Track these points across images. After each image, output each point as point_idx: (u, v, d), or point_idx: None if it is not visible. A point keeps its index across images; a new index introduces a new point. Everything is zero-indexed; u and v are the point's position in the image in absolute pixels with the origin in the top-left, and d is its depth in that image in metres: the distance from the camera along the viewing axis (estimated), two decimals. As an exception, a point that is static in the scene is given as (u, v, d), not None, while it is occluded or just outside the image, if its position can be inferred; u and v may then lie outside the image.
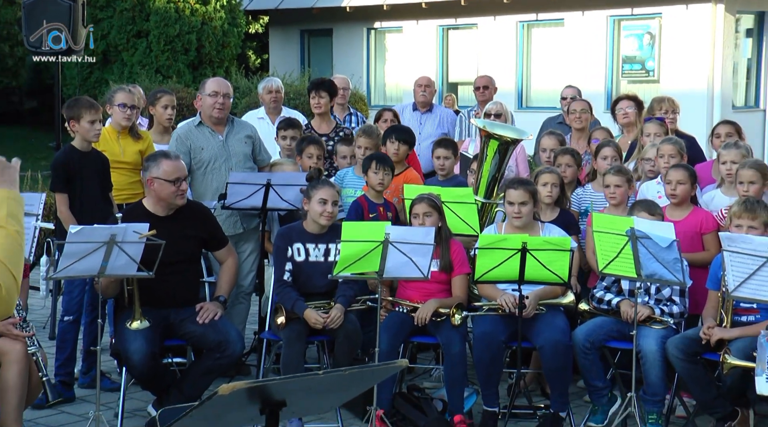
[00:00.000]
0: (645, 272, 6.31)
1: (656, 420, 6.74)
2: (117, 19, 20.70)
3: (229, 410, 3.24)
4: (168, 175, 6.78)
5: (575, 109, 9.64)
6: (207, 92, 8.00)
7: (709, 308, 6.69)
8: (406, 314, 6.98)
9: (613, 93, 18.60)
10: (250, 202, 7.67)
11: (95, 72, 20.95)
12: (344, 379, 3.53)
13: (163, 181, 6.79)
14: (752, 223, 6.44)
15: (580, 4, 19.50)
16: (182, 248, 6.85)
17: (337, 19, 22.64)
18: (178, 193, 6.84)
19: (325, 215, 7.01)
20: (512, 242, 6.57)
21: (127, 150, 8.30)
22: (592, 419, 6.97)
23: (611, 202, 7.41)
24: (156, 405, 6.82)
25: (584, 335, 6.84)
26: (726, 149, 7.52)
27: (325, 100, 9.54)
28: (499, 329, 6.84)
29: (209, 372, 6.83)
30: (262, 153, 8.27)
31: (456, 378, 6.80)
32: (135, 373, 6.76)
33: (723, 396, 6.51)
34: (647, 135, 8.37)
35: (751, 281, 5.81)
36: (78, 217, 7.27)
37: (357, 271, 6.55)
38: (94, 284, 6.70)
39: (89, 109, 7.59)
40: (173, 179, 6.79)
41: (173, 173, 6.79)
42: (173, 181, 6.80)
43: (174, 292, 6.87)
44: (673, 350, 6.52)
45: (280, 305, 6.96)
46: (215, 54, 21.14)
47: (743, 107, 19.27)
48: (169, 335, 6.91)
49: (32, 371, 6.31)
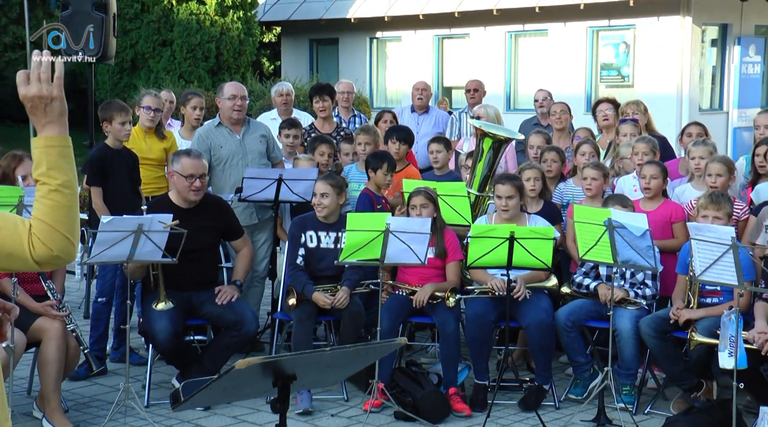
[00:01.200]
0: (621, 258, 6.32)
1: (630, 391, 6.77)
2: (144, 30, 20.68)
3: (245, 382, 3.25)
4: (183, 171, 6.84)
5: (555, 110, 9.62)
6: (225, 96, 8.00)
7: (678, 290, 6.72)
8: (405, 296, 6.99)
9: (592, 97, 18.58)
10: (263, 195, 7.67)
11: (125, 77, 20.91)
12: (349, 355, 3.53)
13: (179, 175, 6.86)
14: (717, 214, 6.45)
15: (562, 16, 19.46)
16: (202, 237, 6.87)
17: (343, 29, 22.61)
18: (191, 188, 6.85)
19: (318, 208, 7.09)
20: (501, 231, 6.57)
21: (153, 148, 8.33)
22: (573, 391, 6.98)
23: (587, 194, 7.44)
24: (179, 378, 6.85)
25: (566, 315, 6.86)
26: (695, 146, 7.55)
27: (327, 103, 9.56)
28: (489, 310, 6.85)
29: (227, 348, 6.86)
30: (275, 151, 8.27)
31: (450, 354, 6.80)
32: (160, 349, 6.80)
33: (689, 370, 6.53)
34: (623, 135, 8.41)
35: (716, 266, 5.81)
36: (110, 208, 7.28)
37: (361, 257, 6.56)
38: (124, 269, 6.73)
39: (120, 111, 7.62)
40: (187, 175, 6.83)
41: (188, 169, 6.84)
42: (187, 176, 6.83)
43: (195, 276, 6.89)
44: (646, 329, 6.55)
45: (292, 287, 6.98)
46: (232, 61, 21.10)
47: (708, 110, 19.25)
48: (191, 315, 6.94)
49: (69, 346, 6.35)
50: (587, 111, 16.96)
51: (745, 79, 19.76)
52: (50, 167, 2.57)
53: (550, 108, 9.90)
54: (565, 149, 8.71)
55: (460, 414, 6.59)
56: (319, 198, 7.05)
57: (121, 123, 7.56)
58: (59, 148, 2.60)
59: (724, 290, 6.45)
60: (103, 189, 7.45)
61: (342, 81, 10.83)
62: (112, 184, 7.50)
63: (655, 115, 9.41)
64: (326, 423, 6.46)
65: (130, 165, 7.68)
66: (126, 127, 7.60)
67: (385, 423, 6.46)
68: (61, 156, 2.59)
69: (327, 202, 7.04)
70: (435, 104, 13.41)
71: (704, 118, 15.01)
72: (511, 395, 6.91)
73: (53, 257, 2.52)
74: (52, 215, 2.53)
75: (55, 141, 2.60)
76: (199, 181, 6.89)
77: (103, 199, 7.41)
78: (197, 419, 6.48)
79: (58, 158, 2.58)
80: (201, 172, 6.92)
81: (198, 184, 6.89)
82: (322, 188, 7.07)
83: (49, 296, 6.42)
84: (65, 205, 2.56)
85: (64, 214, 2.55)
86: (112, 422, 6.26)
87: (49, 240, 2.50)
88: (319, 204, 7.06)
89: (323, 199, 7.05)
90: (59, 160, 2.58)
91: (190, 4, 20.67)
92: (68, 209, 2.56)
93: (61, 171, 2.57)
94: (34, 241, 2.50)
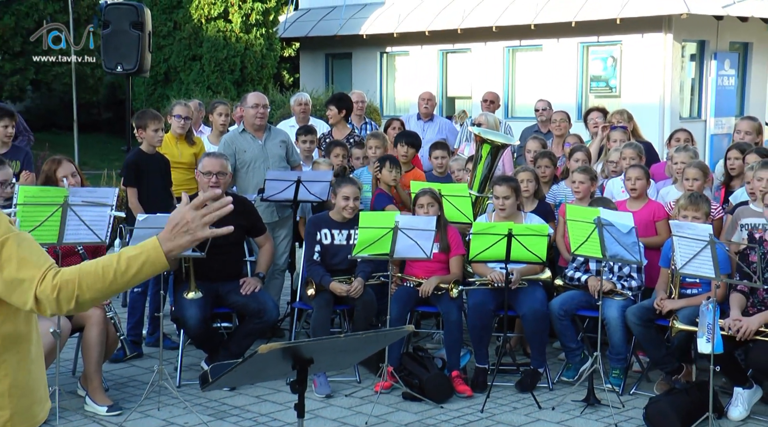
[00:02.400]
0: (609, 253, 6.31)
1: (618, 375, 6.75)
2: (176, 46, 20.71)
3: (267, 366, 3.24)
4: (203, 169, 6.90)
5: (556, 118, 9.57)
6: (249, 105, 8.01)
7: (661, 282, 6.69)
8: (412, 288, 6.97)
9: (583, 106, 18.57)
10: (283, 195, 7.67)
11: (158, 89, 20.95)
12: (361, 341, 3.53)
13: (201, 173, 6.91)
14: (696, 213, 6.43)
15: (555, 33, 19.42)
16: (228, 233, 6.84)
17: (356, 44, 22.60)
18: (209, 184, 6.84)
19: (347, 210, 7.06)
20: (500, 228, 6.57)
21: (184, 153, 8.33)
22: (565, 374, 6.96)
23: (576, 196, 7.42)
24: (208, 361, 6.86)
25: (559, 305, 6.84)
26: (678, 152, 7.55)
27: (333, 112, 9.53)
28: (489, 300, 6.83)
29: (250, 334, 6.86)
30: (293, 155, 8.26)
31: (453, 341, 6.79)
32: (190, 335, 6.80)
33: (671, 354, 6.52)
34: (613, 141, 8.40)
35: (695, 260, 5.80)
36: (144, 207, 7.29)
37: (372, 252, 6.55)
38: (158, 262, 6.71)
39: (154, 119, 7.63)
40: (206, 172, 6.87)
41: (207, 167, 6.89)
42: (205, 173, 6.86)
43: (222, 269, 6.89)
44: (632, 317, 6.54)
45: (310, 279, 6.98)
46: (255, 73, 21.11)
47: (688, 118, 19.19)
48: (218, 303, 6.94)
49: (109, 332, 6.36)
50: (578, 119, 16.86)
51: (721, 91, 19.74)
52: (130, 258, 2.54)
53: (550, 116, 9.87)
54: (559, 156, 8.69)
55: (462, 395, 6.58)
56: (352, 202, 7.05)
57: (154, 130, 7.58)
58: (148, 257, 2.57)
59: (702, 282, 6.43)
60: (138, 190, 7.48)
61: (354, 91, 10.82)
62: (146, 186, 7.52)
63: (640, 122, 9.37)
64: (341, 403, 6.46)
65: (162, 168, 7.69)
66: (159, 134, 7.62)
67: (394, 403, 6.45)
68: (144, 262, 2.55)
69: (355, 204, 7.07)
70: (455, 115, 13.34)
71: (684, 125, 14.89)
72: (508, 378, 6.89)
73: (49, 300, 2.45)
74: (88, 276, 2.48)
75: (153, 253, 2.58)
76: (216, 178, 6.87)
77: (138, 199, 7.44)
78: (224, 398, 6.48)
79: (142, 262, 2.55)
80: (218, 170, 6.90)
81: (215, 181, 6.87)
82: (353, 192, 7.08)
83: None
84: (104, 283, 2.50)
85: (97, 285, 2.49)
86: (148, 400, 6.27)
87: (62, 285, 2.45)
88: (352, 207, 7.05)
89: (355, 202, 7.07)
90: (141, 263, 2.55)
91: (218, 22, 20.69)
92: (102, 288, 2.51)
93: (130, 266, 2.54)
94: (47, 277, 2.45)
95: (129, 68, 9.45)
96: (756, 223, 6.49)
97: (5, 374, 2.53)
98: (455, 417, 6.20)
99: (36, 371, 2.62)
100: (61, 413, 6.00)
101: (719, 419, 5.97)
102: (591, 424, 6.07)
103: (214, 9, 20.62)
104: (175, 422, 6.03)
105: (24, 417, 2.56)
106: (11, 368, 2.54)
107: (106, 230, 5.88)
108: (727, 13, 18.15)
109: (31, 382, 2.59)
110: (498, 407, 6.38)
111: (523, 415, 6.24)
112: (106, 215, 5.88)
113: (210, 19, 20.72)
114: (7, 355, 2.53)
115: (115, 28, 9.52)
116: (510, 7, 19.59)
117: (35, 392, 2.60)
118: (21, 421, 2.55)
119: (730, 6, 18.15)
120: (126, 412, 6.13)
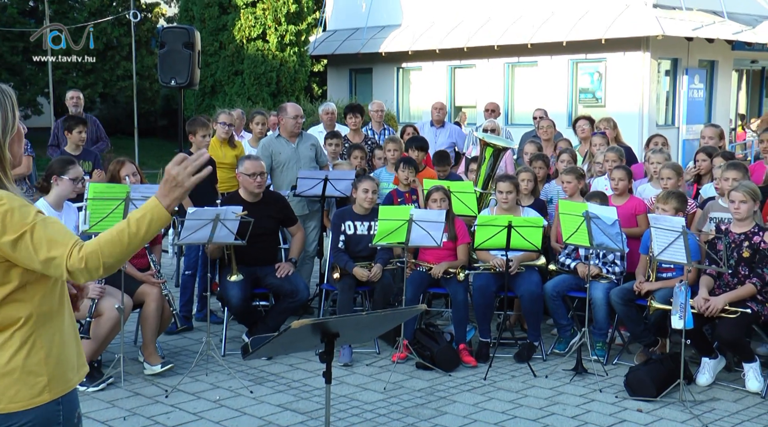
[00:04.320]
0: (596, 242, 6.27)
1: (602, 347, 6.71)
2: (221, 63, 20.71)
3: (299, 338, 3.23)
4: (247, 171, 6.88)
5: (543, 125, 9.59)
6: (290, 115, 7.93)
7: (641, 267, 6.65)
8: (424, 272, 6.94)
9: (573, 114, 18.45)
10: (313, 191, 7.64)
11: (206, 100, 20.96)
12: (380, 318, 3.51)
13: (244, 175, 6.88)
14: (669, 207, 6.39)
15: (549, 51, 19.33)
16: (265, 224, 6.85)
17: (376, 61, 22.56)
18: (254, 183, 6.85)
19: (367, 200, 7.03)
20: (501, 220, 6.53)
21: (227, 155, 8.33)
22: (557, 346, 6.93)
23: (566, 193, 7.36)
24: (248, 334, 6.86)
25: (552, 287, 6.80)
26: (654, 154, 7.51)
27: (358, 118, 9.53)
28: (491, 283, 6.79)
29: (284, 312, 6.84)
30: (322, 156, 8.23)
31: (460, 318, 6.76)
32: (233, 311, 6.80)
33: (648, 329, 6.48)
34: (595, 145, 8.40)
35: (670, 248, 5.76)
36: (193, 201, 7.27)
37: (390, 241, 6.53)
38: (205, 249, 6.74)
39: (202, 126, 7.64)
40: (250, 173, 6.85)
41: (250, 169, 6.87)
42: (250, 174, 6.85)
43: (260, 255, 6.88)
44: (615, 298, 6.49)
45: (336, 264, 6.96)
46: (289, 86, 21.10)
47: (663, 125, 19.05)
48: (257, 285, 6.93)
49: (165, 308, 6.37)
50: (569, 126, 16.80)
51: (692, 102, 19.64)
52: (138, 219, 2.49)
53: (540, 123, 9.84)
54: (551, 157, 8.67)
55: (468, 365, 6.56)
56: (371, 194, 7.03)
57: (202, 136, 7.60)
58: (152, 215, 2.51)
59: (676, 267, 6.38)
60: None
61: (375, 101, 10.80)
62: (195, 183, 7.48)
63: (622, 129, 9.37)
64: (362, 371, 6.44)
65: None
66: (206, 138, 7.64)
67: (408, 372, 6.43)
68: (150, 220, 2.50)
69: (373, 197, 7.05)
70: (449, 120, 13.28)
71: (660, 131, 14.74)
72: (508, 350, 6.87)
73: (80, 270, 2.44)
74: (107, 244, 2.46)
75: (156, 210, 2.52)
76: (260, 177, 6.88)
77: (188, 194, 7.41)
78: (262, 366, 6.48)
79: (149, 221, 2.50)
80: (260, 171, 6.91)
81: (260, 180, 6.88)
82: (371, 186, 7.07)
83: (151, 266, 6.43)
84: (122, 246, 2.47)
85: (116, 250, 2.46)
86: (197, 367, 6.29)
87: (89, 259, 2.44)
88: (371, 198, 7.03)
89: (373, 195, 7.05)
90: (148, 222, 2.50)
91: (257, 42, 20.69)
92: (123, 251, 2.47)
93: (140, 227, 2.49)
94: (73, 252, 2.44)
95: (181, 82, 9.46)
96: (723, 217, 6.47)
97: (41, 346, 2.56)
98: (461, 384, 6.17)
99: (69, 342, 2.65)
100: (125, 376, 6.03)
101: (689, 384, 5.94)
102: (579, 390, 6.03)
103: (253, 31, 20.62)
104: (220, 385, 6.03)
105: (59, 382, 2.59)
106: (46, 341, 2.57)
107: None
108: (696, 35, 18.07)
109: (64, 352, 2.62)
110: (498, 376, 6.36)
111: (520, 382, 6.21)
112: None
113: (250, 39, 20.71)
114: (42, 330, 2.56)
115: (170, 48, 9.53)
116: (510, 29, 19.53)
117: (69, 361, 2.64)
118: (56, 385, 2.58)
119: (699, 29, 18.10)
120: (178, 376, 6.13)
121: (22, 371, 2.53)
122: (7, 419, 2.52)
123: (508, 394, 5.93)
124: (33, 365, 2.54)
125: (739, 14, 19.32)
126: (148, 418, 5.39)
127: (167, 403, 5.66)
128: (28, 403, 2.53)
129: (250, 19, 20.59)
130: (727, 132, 20.20)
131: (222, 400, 5.73)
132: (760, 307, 5.95)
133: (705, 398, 5.85)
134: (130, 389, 5.92)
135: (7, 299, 2.51)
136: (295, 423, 5.32)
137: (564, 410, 5.61)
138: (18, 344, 2.53)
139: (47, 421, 2.55)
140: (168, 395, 5.79)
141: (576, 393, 5.95)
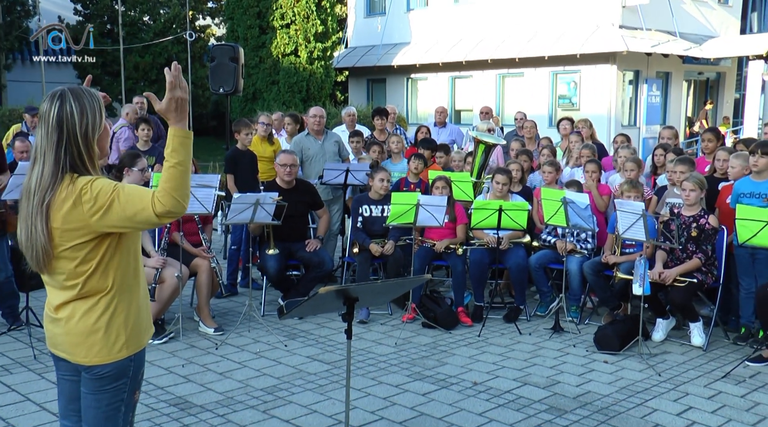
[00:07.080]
0: (571, 223, 6.23)
1: (575, 310, 6.68)
2: (261, 74, 20.63)
3: (325, 302, 3.21)
4: (281, 162, 6.90)
5: (527, 126, 9.51)
6: (310, 115, 8.02)
7: (608, 243, 6.60)
8: (429, 247, 6.92)
9: (554, 117, 18.43)
10: (337, 180, 7.62)
11: (248, 105, 20.90)
12: (392, 286, 3.49)
13: (279, 165, 6.90)
14: (632, 194, 6.34)
15: (533, 64, 19.23)
16: (297, 207, 6.84)
17: (389, 72, 22.47)
18: (285, 173, 6.85)
19: (383, 188, 7.02)
20: (494, 205, 6.49)
21: (266, 150, 8.30)
22: (538, 309, 6.89)
23: (546, 181, 7.29)
24: (283, 298, 6.85)
25: (535, 260, 6.77)
26: (621, 149, 7.44)
27: (383, 120, 9.49)
28: (485, 257, 6.76)
29: (313, 280, 6.82)
30: (344, 151, 8.20)
31: (459, 286, 6.73)
32: (270, 280, 6.79)
33: (614, 295, 6.43)
34: (572, 142, 8.32)
35: (632, 228, 5.73)
36: (238, 188, 7.29)
37: (400, 221, 6.50)
38: (248, 227, 6.73)
39: (246, 126, 7.61)
40: (282, 164, 6.86)
41: (283, 160, 6.89)
42: (283, 165, 6.86)
43: (292, 233, 6.87)
44: (587, 269, 6.46)
45: (356, 240, 6.95)
46: (317, 93, 21.00)
47: (627, 126, 18.93)
48: (290, 257, 6.91)
49: (214, 277, 6.37)
50: (550, 126, 16.82)
51: (651, 106, 19.47)
52: (173, 150, 2.39)
53: (524, 124, 9.77)
54: (533, 150, 8.61)
55: (465, 325, 6.54)
56: (386, 183, 7.02)
57: (246, 134, 7.58)
58: (180, 138, 2.40)
59: (637, 244, 6.33)
60: (234, 176, 7.48)
61: (388, 106, 10.77)
62: (240, 173, 7.51)
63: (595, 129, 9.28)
64: (377, 329, 6.44)
65: (251, 161, 7.68)
66: (249, 136, 7.61)
67: (415, 330, 6.43)
68: (181, 144, 2.40)
69: (387, 184, 7.04)
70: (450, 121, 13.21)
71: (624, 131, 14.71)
72: (498, 312, 6.84)
73: (167, 212, 2.35)
74: (168, 183, 2.37)
75: (180, 132, 2.40)
76: (290, 168, 6.88)
77: (234, 183, 7.45)
78: (294, 324, 6.49)
79: (179, 145, 2.39)
80: (291, 163, 6.89)
81: (289, 171, 6.87)
82: (386, 176, 7.05)
83: (203, 242, 6.44)
84: (177, 177, 2.37)
85: (176, 183, 2.36)
86: (241, 325, 6.31)
87: (165, 200, 2.35)
88: (384, 186, 7.02)
89: (387, 183, 7.04)
90: (179, 147, 2.39)
91: (290, 57, 20.58)
92: (179, 180, 2.37)
93: (178, 154, 2.38)
94: (155, 201, 2.36)
95: (228, 90, 9.43)
96: (675, 202, 6.42)
97: (121, 311, 2.55)
98: (459, 340, 6.16)
99: (142, 308, 2.64)
100: (183, 332, 6.05)
101: (646, 340, 5.92)
102: (556, 345, 6.01)
103: (288, 47, 20.52)
104: (260, 340, 6.04)
105: (134, 341, 2.59)
106: (124, 306, 2.56)
107: (212, 204, 5.89)
108: (654, 51, 17.95)
109: (139, 317, 2.62)
110: (490, 333, 6.34)
111: (508, 339, 6.19)
112: (212, 193, 5.89)
113: (285, 55, 20.61)
114: (121, 297, 2.55)
115: (219, 61, 9.51)
116: (501, 46, 19.45)
117: (141, 324, 2.63)
118: (132, 344, 2.58)
119: (657, 46, 17.98)
120: (226, 333, 6.16)
121: (105, 331, 2.52)
122: (91, 369, 2.54)
123: (498, 348, 5.91)
124: (115, 326, 2.53)
125: (689, 34, 19.21)
126: (202, 366, 5.41)
127: (217, 354, 5.68)
128: (108, 357, 2.53)
129: (284, 38, 20.50)
130: (681, 132, 20.09)
131: (261, 352, 5.74)
132: (704, 277, 5.94)
133: (658, 351, 5.82)
134: (187, 343, 5.94)
135: (96, 270, 2.49)
136: (321, 371, 5.33)
137: (544, 361, 5.60)
138: (102, 309, 2.52)
139: (121, 373, 2.56)
140: (218, 348, 5.81)
141: (554, 348, 5.93)
